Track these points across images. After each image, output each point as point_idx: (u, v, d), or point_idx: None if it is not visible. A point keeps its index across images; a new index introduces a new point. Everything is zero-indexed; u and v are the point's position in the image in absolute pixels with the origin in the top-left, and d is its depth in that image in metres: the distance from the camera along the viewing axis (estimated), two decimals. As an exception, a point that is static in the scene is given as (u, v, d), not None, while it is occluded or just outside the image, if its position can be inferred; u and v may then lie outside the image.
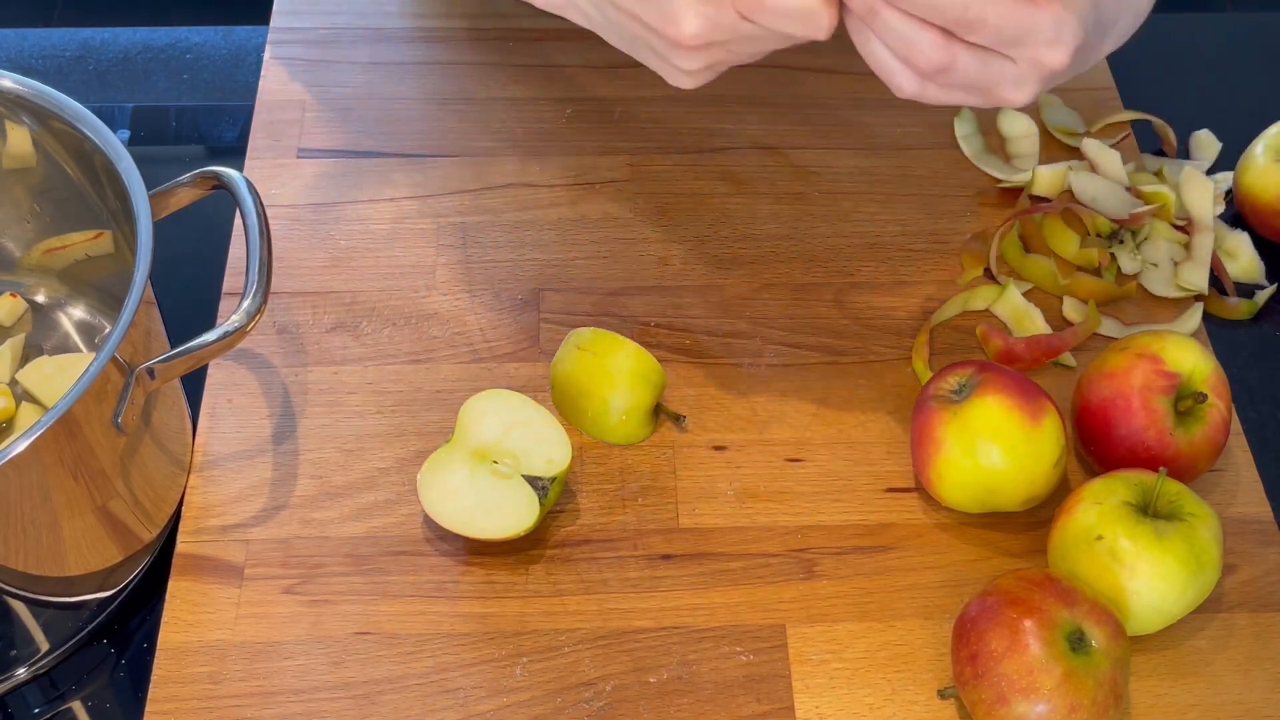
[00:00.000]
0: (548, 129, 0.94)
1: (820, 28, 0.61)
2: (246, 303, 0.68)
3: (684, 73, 0.66)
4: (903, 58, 0.62)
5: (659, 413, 0.78)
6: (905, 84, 0.63)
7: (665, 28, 0.63)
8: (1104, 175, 0.89)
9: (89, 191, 0.76)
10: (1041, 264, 0.85)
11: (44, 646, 0.71)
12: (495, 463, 0.72)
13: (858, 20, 0.62)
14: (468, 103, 0.95)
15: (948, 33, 0.60)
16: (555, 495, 0.73)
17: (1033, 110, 0.95)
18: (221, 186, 0.72)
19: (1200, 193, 0.88)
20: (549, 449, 0.73)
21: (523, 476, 0.72)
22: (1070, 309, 0.85)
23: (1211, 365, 0.74)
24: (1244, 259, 0.88)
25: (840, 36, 0.97)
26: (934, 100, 0.64)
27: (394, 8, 1.00)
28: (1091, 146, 0.91)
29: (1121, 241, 0.86)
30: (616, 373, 0.75)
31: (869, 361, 0.82)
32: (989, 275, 0.86)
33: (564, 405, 0.78)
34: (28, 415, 0.76)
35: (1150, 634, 0.70)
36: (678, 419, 0.78)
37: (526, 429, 0.73)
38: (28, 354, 0.80)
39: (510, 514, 0.71)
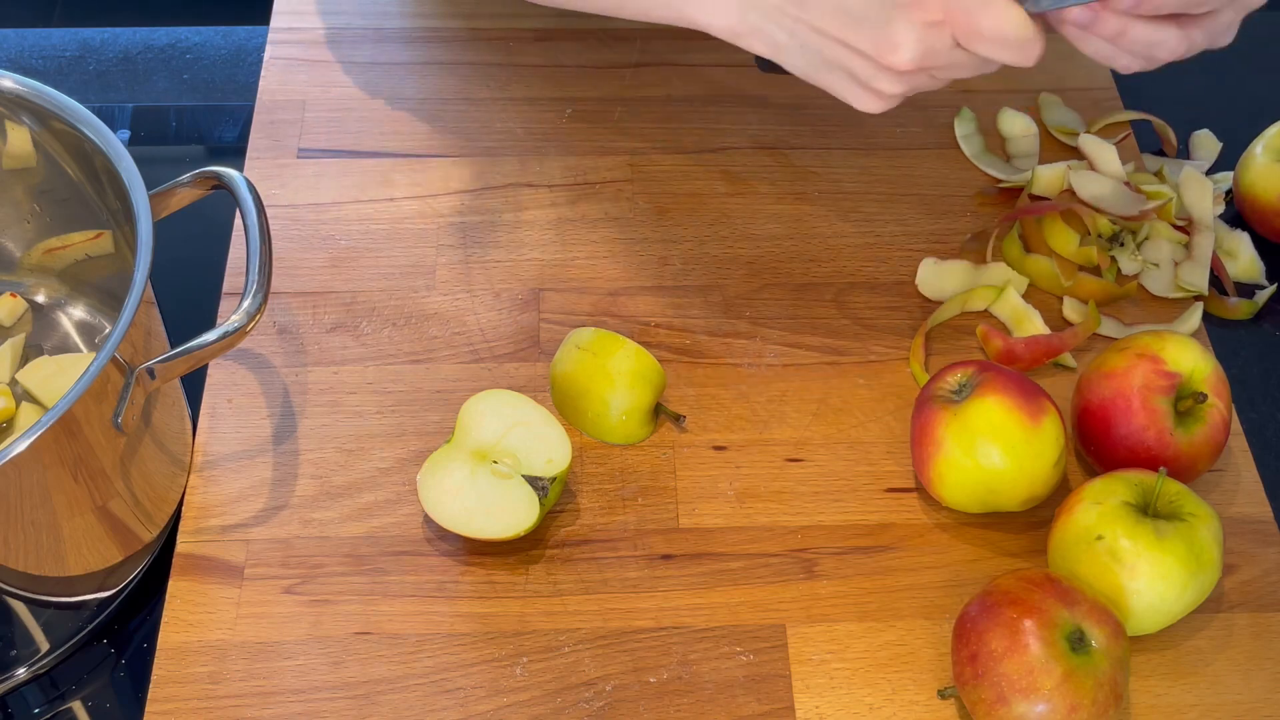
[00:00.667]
0: (548, 129, 0.94)
1: (1031, 56, 0.64)
2: (246, 303, 0.67)
3: (883, 96, 0.69)
4: (1145, 56, 0.65)
5: (659, 413, 0.78)
6: (1133, 66, 0.66)
7: (882, 53, 0.65)
8: (1102, 172, 0.89)
9: (89, 191, 0.76)
10: (1042, 264, 0.85)
11: (44, 646, 0.71)
12: (495, 463, 0.72)
13: (1076, 30, 0.65)
14: (468, 103, 0.95)
15: (1182, 18, 0.64)
16: (555, 495, 0.73)
17: (1033, 110, 0.95)
18: (221, 186, 0.72)
19: (1200, 193, 0.89)
20: (549, 449, 0.72)
21: (523, 476, 0.72)
22: (1070, 309, 0.85)
23: (1211, 365, 0.74)
24: (1244, 259, 0.88)
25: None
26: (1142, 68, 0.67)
27: (394, 8, 1.00)
28: (1089, 143, 0.91)
29: (1122, 244, 0.86)
30: (616, 373, 0.75)
31: (869, 361, 0.82)
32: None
33: (564, 405, 0.78)
34: (28, 415, 0.76)
35: (1150, 634, 0.70)
36: (677, 419, 0.78)
37: (526, 429, 0.73)
38: (28, 354, 0.80)
39: (510, 514, 0.71)
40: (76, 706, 0.71)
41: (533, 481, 0.72)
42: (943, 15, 0.64)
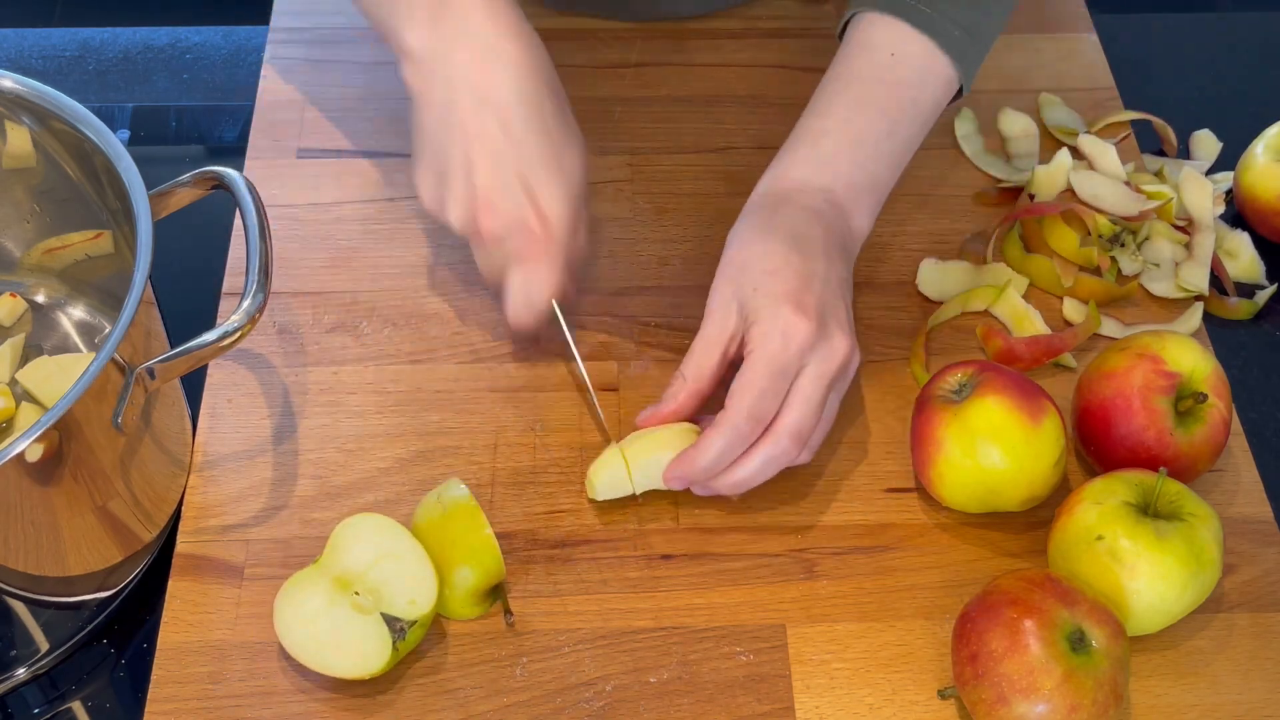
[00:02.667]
0: (548, 129, 0.93)
1: (520, 317, 0.76)
2: (246, 303, 0.67)
3: (439, 211, 0.75)
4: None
5: (496, 598, 0.72)
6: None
7: (481, 206, 0.72)
8: (1102, 171, 0.89)
9: (89, 191, 0.76)
10: (1042, 264, 0.85)
11: (44, 646, 0.71)
12: (357, 594, 0.67)
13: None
14: (468, 103, 0.95)
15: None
16: (415, 639, 0.68)
17: (1033, 110, 0.95)
18: (221, 186, 0.72)
19: (1200, 193, 0.89)
20: (414, 589, 0.67)
21: (381, 615, 0.67)
22: (1070, 309, 0.85)
23: (1211, 365, 0.74)
24: (1244, 259, 0.88)
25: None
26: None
27: (394, 8, 1.00)
28: (1088, 142, 0.91)
29: (1122, 244, 0.86)
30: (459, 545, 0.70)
31: (869, 361, 0.82)
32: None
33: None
34: (28, 415, 0.76)
35: (1150, 634, 0.70)
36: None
37: (396, 563, 0.68)
38: (28, 354, 0.80)
39: (358, 654, 0.66)
40: (76, 706, 0.71)
41: (391, 621, 0.67)
42: (543, 237, 0.73)
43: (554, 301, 0.75)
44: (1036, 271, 0.86)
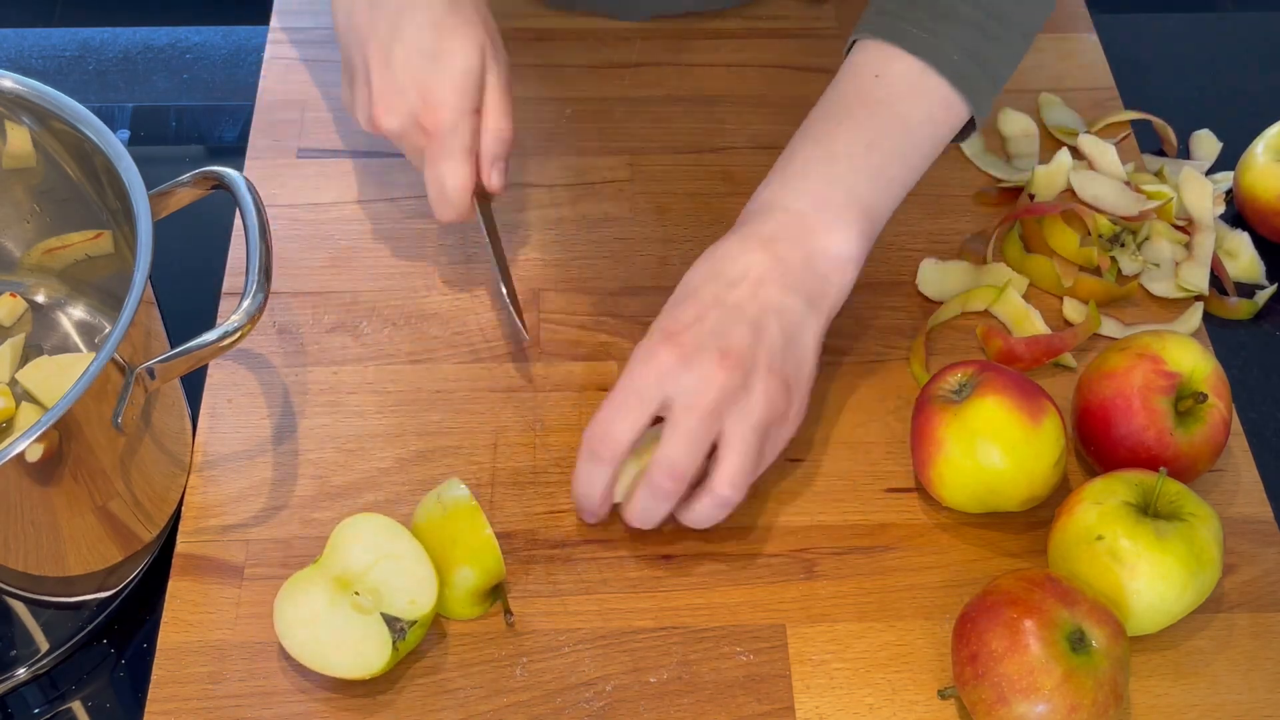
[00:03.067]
0: (548, 129, 0.94)
1: (443, 211, 0.77)
2: (246, 303, 0.67)
3: (359, 114, 0.78)
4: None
5: (495, 598, 0.72)
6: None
7: (375, 104, 0.75)
8: (1102, 171, 0.89)
9: (89, 191, 0.76)
10: (1042, 264, 0.85)
11: (44, 646, 0.71)
12: (357, 594, 0.67)
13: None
14: (468, 103, 0.95)
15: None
16: (416, 639, 0.68)
17: (1033, 110, 0.95)
18: (221, 186, 0.72)
19: (1200, 193, 0.89)
20: (414, 589, 0.67)
21: (381, 615, 0.67)
22: (1070, 309, 0.85)
23: (1211, 365, 0.74)
24: (1244, 259, 0.88)
25: (840, 37, 0.97)
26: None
27: (394, 8, 1.00)
28: (1088, 142, 0.91)
29: (1122, 244, 0.86)
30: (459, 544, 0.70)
31: (869, 361, 0.82)
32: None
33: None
34: (28, 415, 0.76)
35: (1150, 634, 0.70)
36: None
37: (395, 564, 0.68)
38: (28, 354, 0.80)
39: (358, 654, 0.66)
40: (76, 706, 0.71)
41: (391, 621, 0.67)
42: (433, 127, 0.74)
43: (472, 195, 0.77)
44: (1036, 271, 0.86)
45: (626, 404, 0.68)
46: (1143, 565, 0.66)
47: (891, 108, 0.73)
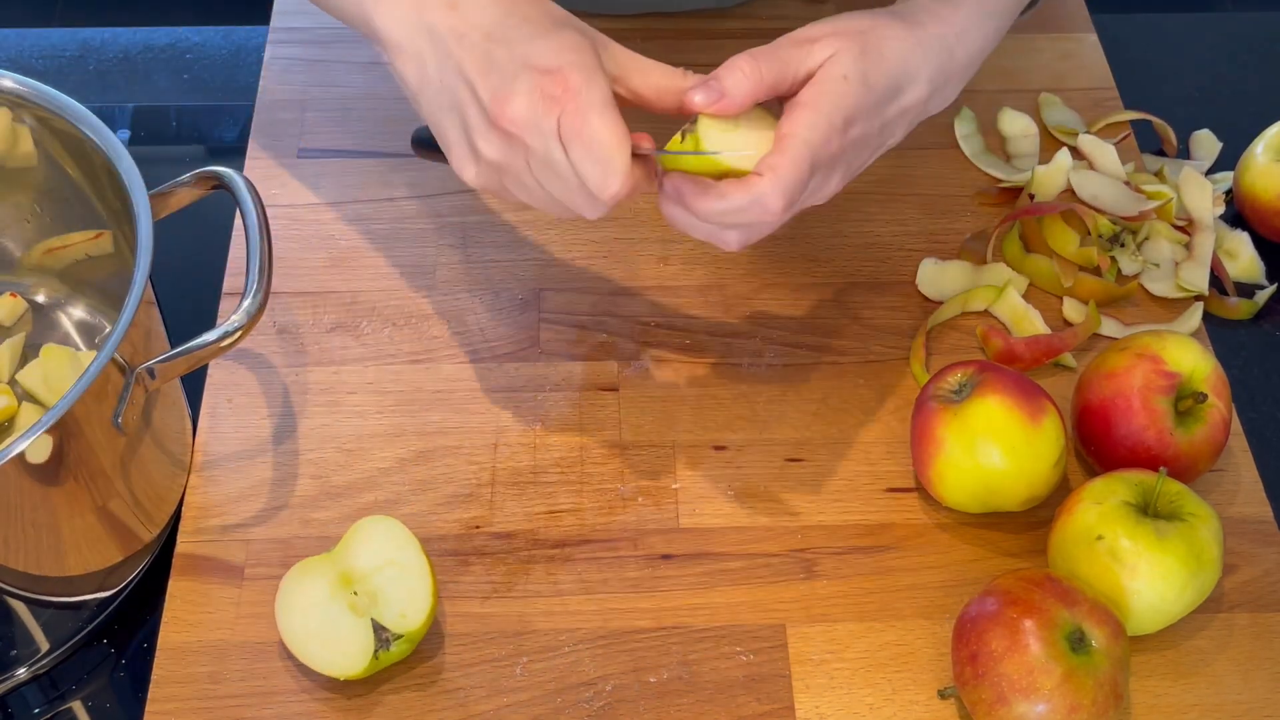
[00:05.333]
0: (548, 129, 0.93)
1: (606, 190, 0.65)
2: (246, 303, 0.68)
3: (478, 160, 0.67)
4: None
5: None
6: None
7: (496, 100, 0.64)
8: (1101, 171, 0.89)
9: (89, 191, 0.76)
10: (1042, 264, 0.85)
11: (44, 646, 0.71)
12: (355, 594, 0.67)
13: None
14: (468, 103, 0.95)
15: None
16: (401, 653, 0.67)
17: (1033, 110, 0.95)
18: (221, 186, 0.72)
19: (1200, 193, 0.89)
20: (408, 603, 0.67)
21: (371, 620, 0.67)
22: (1070, 309, 0.85)
23: (1211, 365, 0.74)
24: (1244, 259, 0.88)
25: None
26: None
27: (394, 8, 1.00)
28: (1088, 142, 0.91)
29: (1122, 244, 0.86)
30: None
31: (869, 361, 0.82)
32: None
33: None
34: (28, 415, 0.76)
35: (1150, 634, 0.70)
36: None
37: (397, 572, 0.68)
38: (27, 354, 0.80)
39: (341, 654, 0.66)
40: (76, 706, 0.71)
41: (378, 629, 0.67)
42: (563, 91, 0.63)
43: (632, 145, 0.65)
44: (1036, 271, 0.86)
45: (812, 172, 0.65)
46: (1143, 565, 0.66)
47: None
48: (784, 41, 0.67)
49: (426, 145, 0.79)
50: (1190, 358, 0.73)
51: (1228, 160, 0.93)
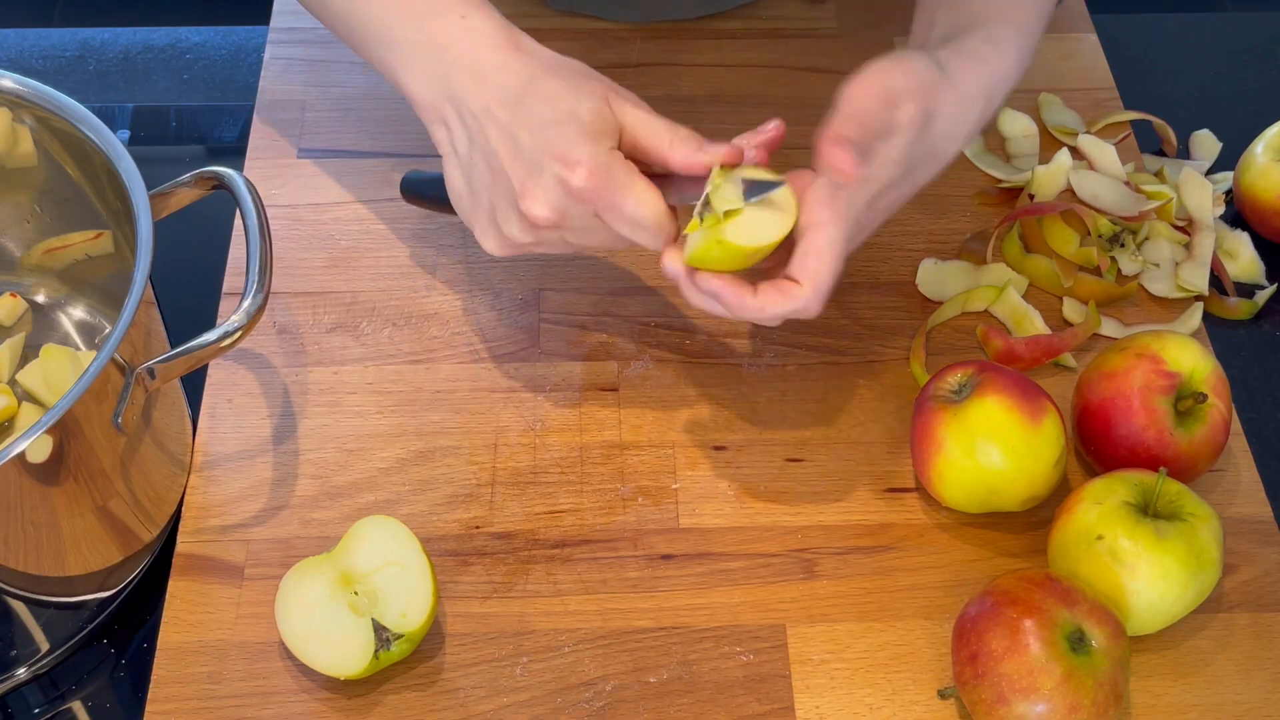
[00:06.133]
0: (548, 129, 0.93)
1: (661, 242, 0.67)
2: (246, 303, 0.68)
3: (507, 242, 0.69)
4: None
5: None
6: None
7: (521, 197, 0.66)
8: (1102, 171, 0.89)
9: (89, 191, 0.76)
10: (1042, 264, 0.85)
11: (44, 646, 0.71)
12: (356, 594, 0.68)
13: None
14: (468, 103, 0.95)
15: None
16: (402, 653, 0.67)
17: (1033, 110, 0.95)
18: (221, 186, 0.72)
19: (1200, 193, 0.89)
20: (409, 603, 0.67)
21: (372, 620, 0.67)
22: (1070, 309, 0.85)
23: (1211, 365, 0.74)
24: (1244, 259, 0.88)
25: (840, 37, 0.97)
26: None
27: (394, 8, 1.00)
28: (1088, 142, 0.91)
29: (1123, 245, 0.86)
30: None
31: (869, 361, 0.82)
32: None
33: None
34: (28, 415, 0.76)
35: (1150, 634, 0.70)
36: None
37: (399, 572, 0.68)
38: (27, 354, 0.80)
39: (340, 654, 0.66)
40: (76, 706, 0.71)
41: (379, 629, 0.67)
42: (587, 185, 0.64)
43: (670, 204, 0.67)
44: (1036, 271, 0.86)
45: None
46: (1143, 565, 0.66)
47: None
48: (866, 99, 0.65)
49: (417, 193, 0.80)
50: (1190, 358, 0.73)
51: (1228, 160, 0.93)
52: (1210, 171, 0.93)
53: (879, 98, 0.65)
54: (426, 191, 0.81)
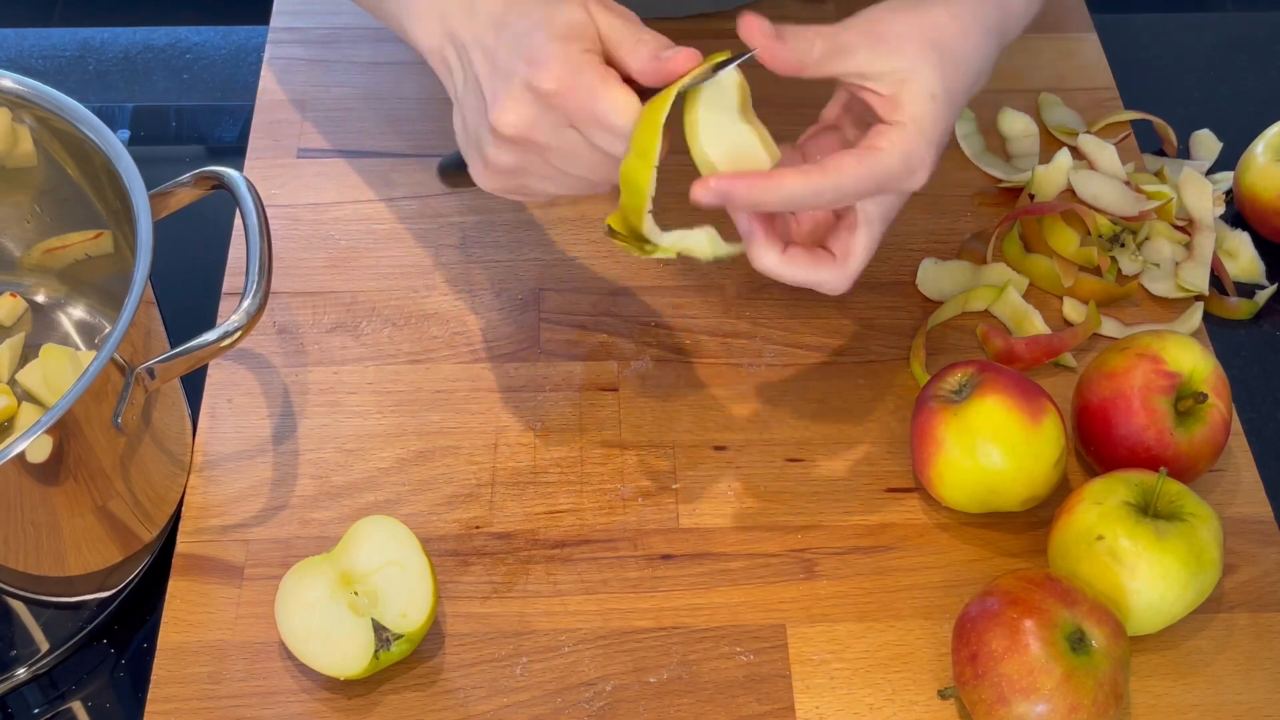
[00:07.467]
0: (548, 129, 0.93)
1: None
2: (246, 303, 0.67)
3: (490, 167, 0.66)
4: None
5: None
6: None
7: (492, 110, 0.63)
8: (1102, 171, 0.89)
9: (89, 191, 0.76)
10: (1042, 264, 0.85)
11: (44, 646, 0.71)
12: (356, 594, 0.68)
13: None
14: (468, 103, 0.95)
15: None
16: (402, 653, 0.68)
17: (1033, 110, 0.95)
18: (221, 186, 0.72)
19: (1200, 193, 0.89)
20: (409, 603, 0.67)
21: (372, 620, 0.67)
22: (1070, 309, 0.85)
23: (1211, 365, 0.74)
24: (1244, 259, 0.88)
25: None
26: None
27: (394, 8, 1.00)
28: (1088, 142, 0.91)
29: (1122, 244, 0.86)
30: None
31: (869, 361, 0.82)
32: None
33: None
34: (28, 415, 0.76)
35: (1150, 634, 0.70)
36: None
37: (399, 572, 0.68)
38: (27, 354, 0.80)
39: (341, 653, 0.66)
40: (76, 706, 0.71)
41: (379, 629, 0.67)
42: (556, 86, 0.61)
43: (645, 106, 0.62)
44: (1036, 271, 0.86)
45: (880, 187, 0.65)
46: (1143, 565, 0.66)
47: None
48: (857, 33, 0.65)
49: (449, 170, 0.79)
50: (1190, 358, 0.73)
51: (1228, 160, 0.93)
52: (1210, 171, 0.93)
53: (863, 30, 0.65)
54: (456, 167, 0.81)
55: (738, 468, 0.77)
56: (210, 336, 0.67)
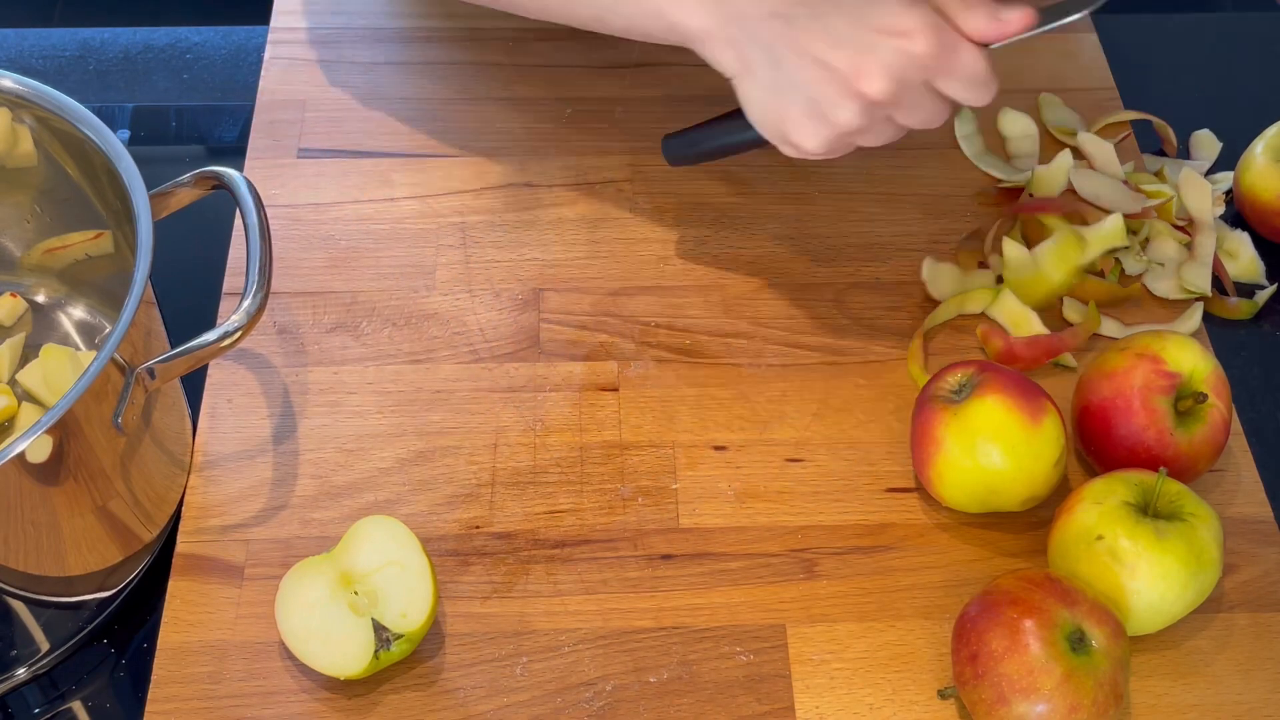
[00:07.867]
0: (548, 129, 0.94)
1: (990, 96, 0.70)
2: (246, 303, 0.68)
3: (833, 130, 0.69)
4: None
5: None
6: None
7: (857, 76, 0.67)
8: (1101, 169, 0.89)
9: (89, 191, 0.76)
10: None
11: (44, 646, 0.71)
12: (356, 594, 0.68)
13: None
14: (468, 103, 0.95)
15: None
16: (402, 653, 0.68)
17: (1033, 110, 0.95)
18: (221, 186, 0.72)
19: (1200, 193, 0.89)
20: (409, 603, 0.67)
21: (372, 620, 0.67)
22: (1070, 309, 0.84)
23: (1211, 365, 0.74)
24: (1244, 259, 0.88)
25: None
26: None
27: (394, 8, 1.00)
28: (1087, 141, 0.91)
29: (1126, 245, 0.86)
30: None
31: (869, 361, 0.82)
32: (984, 265, 0.86)
33: None
34: (28, 415, 0.76)
35: (1150, 634, 0.70)
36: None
37: (399, 572, 0.68)
38: (27, 354, 0.80)
39: (341, 653, 0.66)
40: (76, 706, 0.71)
41: (379, 629, 0.67)
42: (927, 48, 0.66)
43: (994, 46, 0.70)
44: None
45: None
46: (1143, 565, 0.66)
47: None
48: None
49: (690, 148, 0.81)
50: (1190, 358, 0.73)
51: (1228, 160, 0.93)
52: (1210, 171, 0.93)
53: None
54: (701, 142, 0.82)
55: (738, 468, 0.77)
56: (210, 336, 0.67)
